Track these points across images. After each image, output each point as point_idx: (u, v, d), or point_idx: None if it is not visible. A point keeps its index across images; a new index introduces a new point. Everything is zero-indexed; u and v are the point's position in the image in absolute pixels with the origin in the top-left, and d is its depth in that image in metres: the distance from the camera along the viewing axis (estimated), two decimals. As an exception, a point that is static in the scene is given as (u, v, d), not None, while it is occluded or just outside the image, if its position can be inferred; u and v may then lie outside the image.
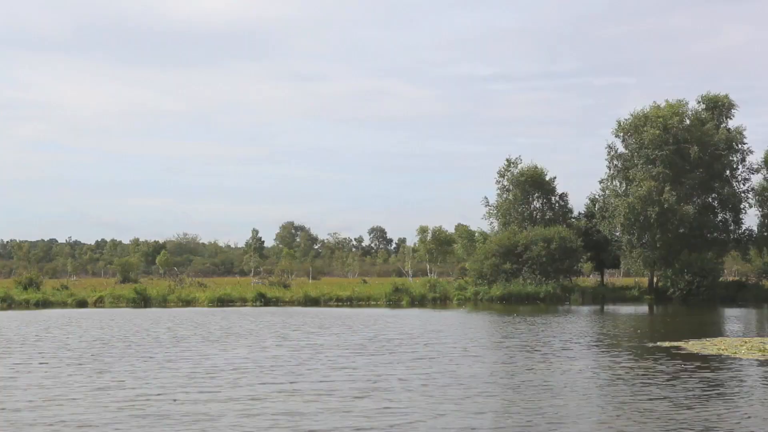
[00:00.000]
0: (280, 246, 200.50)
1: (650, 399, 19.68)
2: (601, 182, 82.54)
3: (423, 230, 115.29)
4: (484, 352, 30.13)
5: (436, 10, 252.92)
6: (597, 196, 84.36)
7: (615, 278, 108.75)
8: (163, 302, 71.41)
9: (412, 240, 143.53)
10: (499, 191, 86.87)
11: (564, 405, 18.95)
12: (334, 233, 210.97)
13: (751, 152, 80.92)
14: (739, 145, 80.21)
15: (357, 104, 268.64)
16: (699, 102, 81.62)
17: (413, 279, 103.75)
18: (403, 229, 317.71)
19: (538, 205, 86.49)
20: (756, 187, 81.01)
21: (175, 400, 19.73)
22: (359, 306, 68.99)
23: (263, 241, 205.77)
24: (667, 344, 32.53)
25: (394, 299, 73.32)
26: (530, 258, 77.25)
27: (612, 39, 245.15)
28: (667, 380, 22.72)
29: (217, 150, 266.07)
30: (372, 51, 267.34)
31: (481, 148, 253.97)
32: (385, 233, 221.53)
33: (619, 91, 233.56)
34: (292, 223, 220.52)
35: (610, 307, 66.71)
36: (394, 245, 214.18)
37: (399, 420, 17.27)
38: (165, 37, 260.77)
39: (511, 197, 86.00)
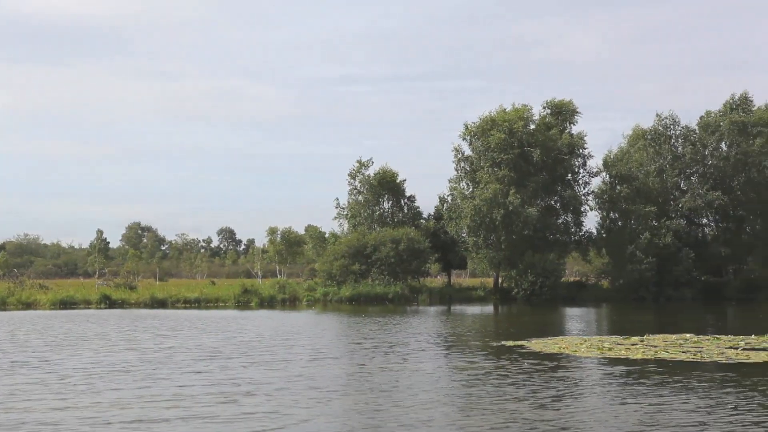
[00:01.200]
0: (126, 247, 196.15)
1: (497, 397, 20.21)
2: (449, 183, 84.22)
3: (273, 231, 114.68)
4: (338, 354, 30.32)
5: (288, 12, 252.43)
6: (445, 198, 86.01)
7: (462, 279, 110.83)
8: (2, 305, 68.87)
9: (261, 241, 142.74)
10: (350, 193, 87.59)
11: (413, 405, 19.28)
12: (182, 234, 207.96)
13: (592, 156, 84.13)
14: (581, 150, 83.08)
15: (208, 104, 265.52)
16: (544, 107, 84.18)
17: (262, 280, 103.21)
18: (253, 230, 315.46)
19: (387, 207, 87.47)
20: (596, 191, 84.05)
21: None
22: (207, 308, 68.26)
23: (108, 242, 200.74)
24: (511, 343, 33.43)
25: (243, 300, 72.88)
26: (379, 259, 78.00)
27: (461, 43, 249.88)
28: (512, 378, 23.38)
29: (64, 149, 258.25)
30: (226, 51, 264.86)
31: (333, 149, 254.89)
32: (235, 234, 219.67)
33: (467, 95, 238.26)
34: (138, 224, 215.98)
35: (456, 307, 67.98)
36: (243, 246, 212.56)
37: (261, 426, 17.09)
38: (12, 30, 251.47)
39: (361, 199, 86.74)
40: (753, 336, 35.60)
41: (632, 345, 32.39)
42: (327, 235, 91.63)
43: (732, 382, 22.41)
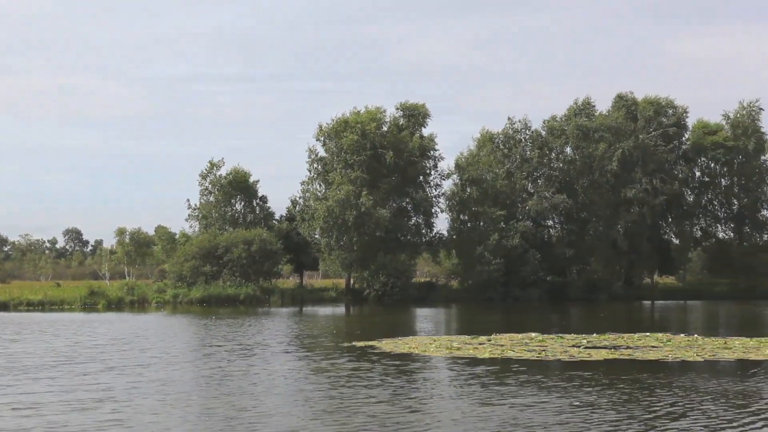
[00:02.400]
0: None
1: (346, 399, 20.24)
2: (302, 185, 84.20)
3: (121, 232, 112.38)
4: (193, 357, 29.82)
5: (139, 10, 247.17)
6: (298, 199, 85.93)
7: (314, 280, 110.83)
8: None
9: (109, 242, 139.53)
10: (201, 193, 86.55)
11: (264, 406, 19.15)
12: (26, 235, 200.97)
13: (442, 159, 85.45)
14: (432, 152, 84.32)
15: (54, 101, 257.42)
16: (398, 109, 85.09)
17: (110, 282, 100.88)
18: (101, 231, 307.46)
19: (240, 208, 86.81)
20: (446, 193, 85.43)
21: None
22: (52, 310, 66.23)
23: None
24: (362, 344, 33.60)
25: (90, 303, 70.97)
26: (231, 260, 77.27)
27: (316, 44, 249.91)
28: (363, 379, 23.48)
29: None
30: (74, 47, 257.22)
31: (185, 149, 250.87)
32: (81, 235, 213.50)
33: (322, 96, 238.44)
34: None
35: (309, 309, 67.95)
36: (90, 247, 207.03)
37: None
38: None
39: (213, 199, 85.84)
40: (594, 335, 36.80)
41: (480, 344, 33.02)
42: (177, 236, 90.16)
43: (577, 380, 23.07)
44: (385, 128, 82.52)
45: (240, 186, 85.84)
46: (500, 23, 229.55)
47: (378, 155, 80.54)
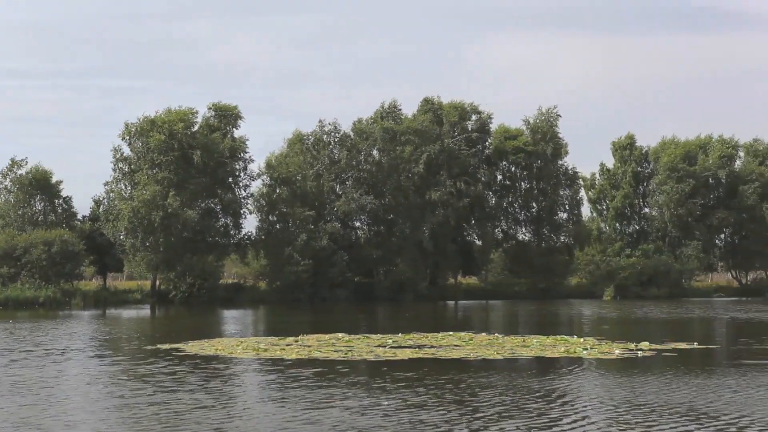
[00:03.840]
0: None
1: (155, 404, 19.91)
2: (106, 185, 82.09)
3: None
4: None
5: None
6: (102, 199, 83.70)
7: (118, 281, 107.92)
8: None
9: None
10: (0, 192, 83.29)
11: (65, 412, 18.62)
12: None
13: (253, 161, 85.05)
14: (242, 154, 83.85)
15: None
16: (209, 109, 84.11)
17: None
18: None
19: (40, 208, 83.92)
20: (255, 194, 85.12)
21: None
22: None
23: None
24: (167, 346, 33.07)
25: None
26: (30, 262, 74.44)
27: (127, 40, 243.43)
28: (167, 382, 23.14)
29: None
30: None
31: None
32: None
33: (132, 94, 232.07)
34: None
35: (112, 311, 66.29)
36: None
37: None
38: None
39: (12, 199, 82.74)
40: (400, 334, 37.52)
41: (287, 345, 33.11)
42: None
43: (385, 379, 23.47)
44: (195, 128, 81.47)
45: (41, 185, 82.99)
46: (318, 23, 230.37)
47: (187, 156, 79.42)
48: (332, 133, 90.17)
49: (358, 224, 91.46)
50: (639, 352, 29.97)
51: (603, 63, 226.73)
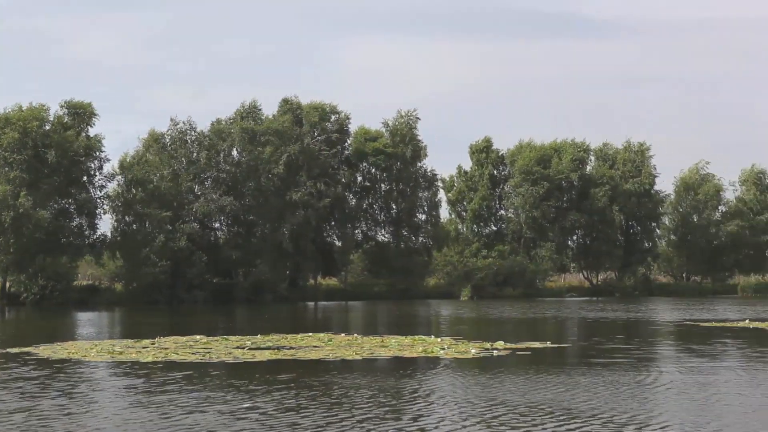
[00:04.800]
0: None
1: (10, 410, 19.31)
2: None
3: None
4: None
5: None
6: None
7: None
8: None
9: None
10: None
11: None
12: None
13: (108, 160, 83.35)
14: (97, 153, 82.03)
15: None
16: (62, 107, 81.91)
17: None
18: None
19: None
20: (111, 194, 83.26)
21: None
22: None
23: None
24: (16, 350, 32.02)
25: None
26: None
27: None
28: (17, 387, 22.41)
29: None
30: None
31: None
32: None
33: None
34: None
35: (-41, 315, 63.83)
36: None
37: None
38: None
39: None
40: (259, 336, 37.33)
41: (143, 348, 32.50)
42: None
43: (251, 381, 23.33)
44: (48, 127, 79.26)
45: None
46: (169, 20, 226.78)
47: (39, 154, 77.20)
48: (188, 132, 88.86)
49: (217, 225, 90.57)
50: (494, 352, 30.61)
51: (462, 66, 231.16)
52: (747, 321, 48.43)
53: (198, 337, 36.79)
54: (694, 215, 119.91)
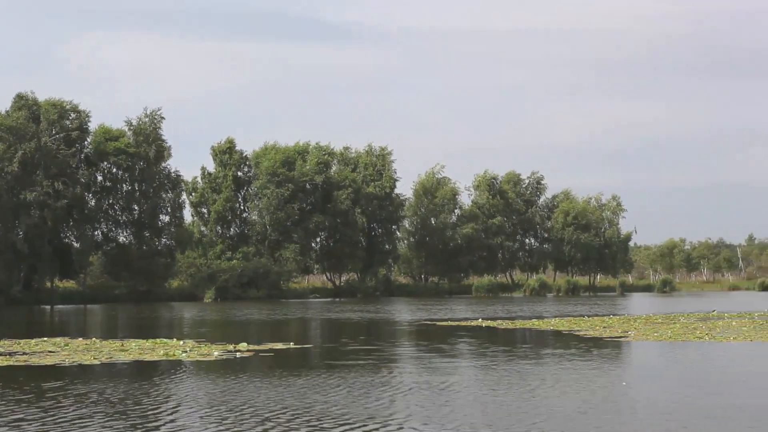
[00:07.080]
0: None
1: None
2: None
3: None
4: None
5: None
6: None
7: None
8: None
9: None
10: None
11: None
12: None
13: None
14: None
15: None
16: None
17: None
18: None
19: None
20: None
21: None
22: None
23: None
24: None
25: None
26: None
27: None
28: None
29: None
30: None
31: None
32: None
33: None
34: None
35: None
36: None
37: None
38: None
39: None
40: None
41: None
42: None
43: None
44: None
45: None
46: None
47: None
48: None
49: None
50: (237, 353, 30.58)
51: (210, 68, 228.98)
52: (480, 320, 50.78)
53: None
54: (432, 218, 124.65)
